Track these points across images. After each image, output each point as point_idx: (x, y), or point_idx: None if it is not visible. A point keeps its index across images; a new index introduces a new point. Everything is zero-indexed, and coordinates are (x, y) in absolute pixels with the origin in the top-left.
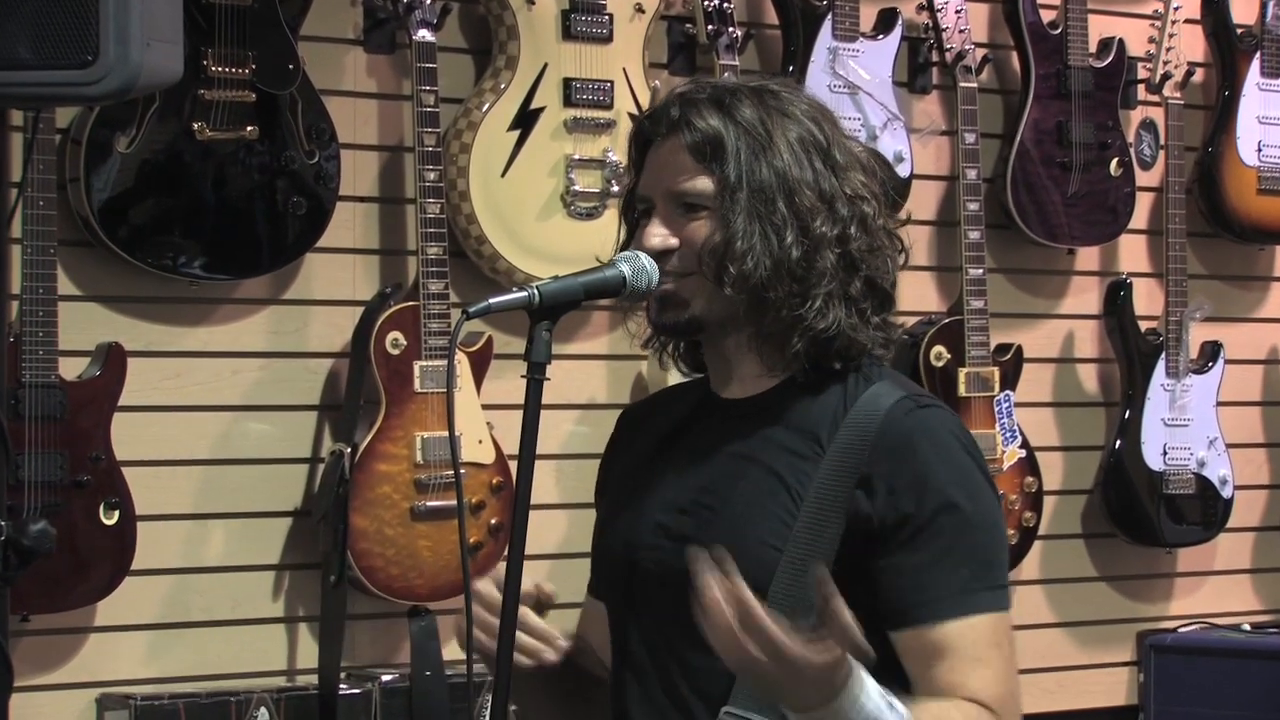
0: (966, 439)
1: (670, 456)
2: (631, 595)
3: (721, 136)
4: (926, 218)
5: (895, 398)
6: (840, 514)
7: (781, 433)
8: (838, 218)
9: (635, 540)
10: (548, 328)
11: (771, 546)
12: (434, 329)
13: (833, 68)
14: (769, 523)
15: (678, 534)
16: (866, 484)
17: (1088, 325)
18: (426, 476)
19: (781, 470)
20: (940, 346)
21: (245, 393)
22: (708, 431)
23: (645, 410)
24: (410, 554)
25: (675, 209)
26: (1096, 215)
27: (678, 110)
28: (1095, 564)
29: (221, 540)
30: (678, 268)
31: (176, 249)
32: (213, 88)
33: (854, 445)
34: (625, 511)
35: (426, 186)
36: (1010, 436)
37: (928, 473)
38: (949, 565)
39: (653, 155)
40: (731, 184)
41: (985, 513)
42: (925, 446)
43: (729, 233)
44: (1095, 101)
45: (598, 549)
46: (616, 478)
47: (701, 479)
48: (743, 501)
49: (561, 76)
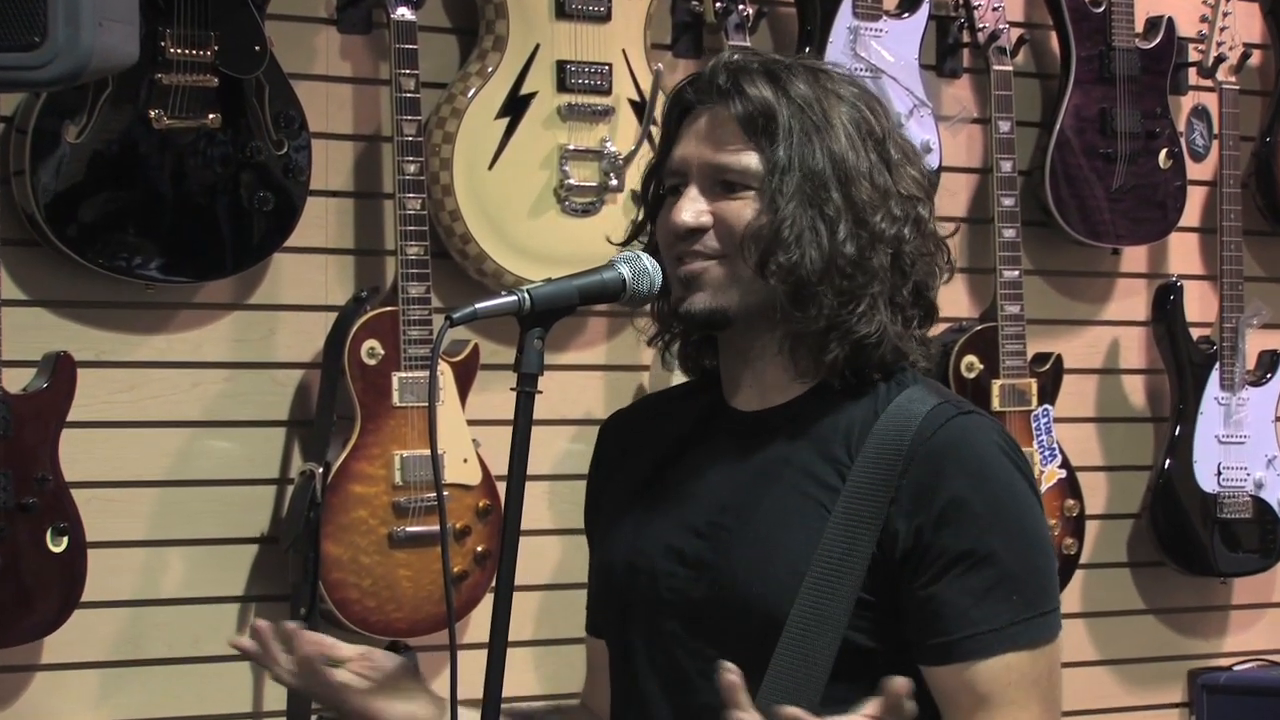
0: (1012, 449)
1: (676, 473)
2: (640, 627)
3: (775, 110)
4: (957, 214)
5: (931, 404)
6: (871, 532)
7: (808, 447)
8: (894, 216)
9: (643, 566)
10: (540, 335)
11: (798, 571)
12: (414, 337)
13: (854, 49)
14: (797, 545)
15: (694, 559)
16: (901, 500)
17: (1134, 333)
18: (406, 499)
19: (810, 488)
20: (972, 356)
21: (207, 407)
22: (721, 445)
23: (635, 420)
24: (388, 585)
25: (713, 185)
26: (1144, 211)
27: (727, 77)
28: (1142, 595)
29: (181, 569)
30: (709, 249)
31: (131, 249)
32: (171, 72)
33: (886, 457)
34: (628, 535)
35: (406, 180)
36: (1049, 455)
37: (971, 492)
38: (994, 599)
39: (691, 125)
40: (782, 164)
41: (1034, 534)
42: (967, 460)
43: (777, 218)
44: (1142, 86)
45: (597, 580)
46: (612, 498)
47: (718, 498)
48: (767, 522)
49: (555, 59)
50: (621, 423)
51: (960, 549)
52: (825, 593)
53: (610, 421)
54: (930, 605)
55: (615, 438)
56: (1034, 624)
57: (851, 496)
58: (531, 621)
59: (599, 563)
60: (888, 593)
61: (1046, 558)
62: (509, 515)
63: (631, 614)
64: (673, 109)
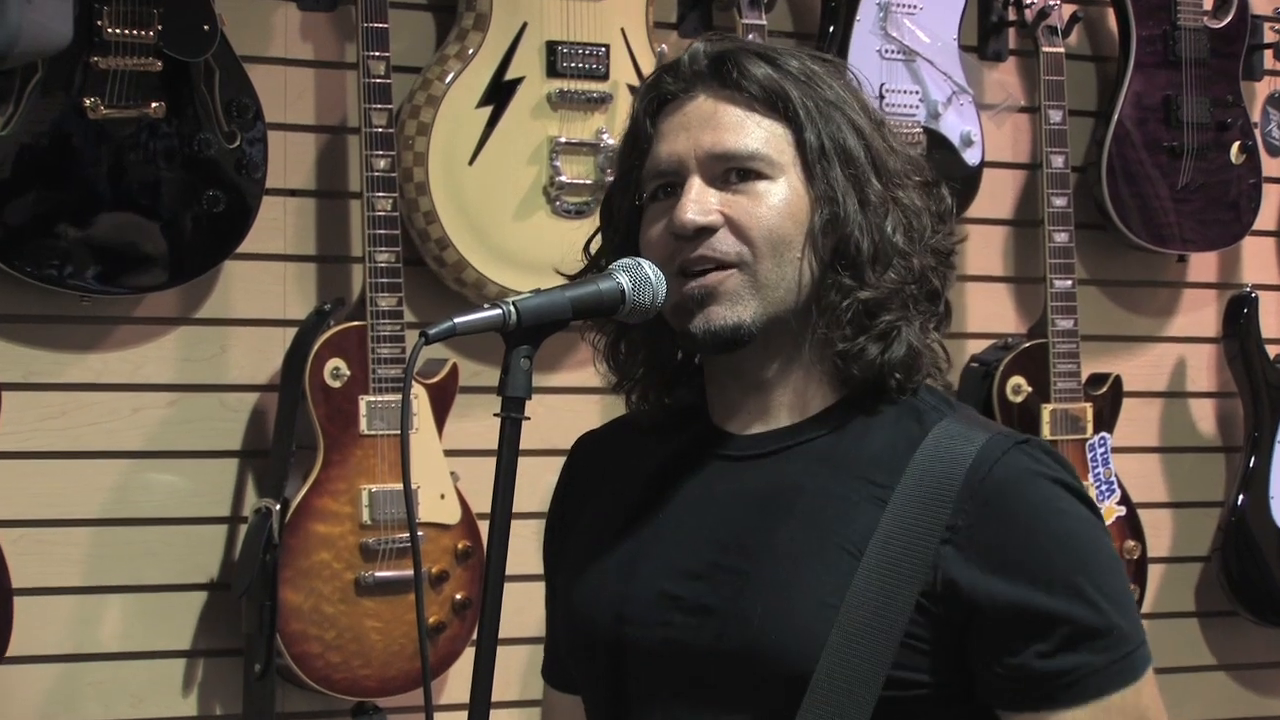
0: (1072, 477)
1: (663, 507)
2: (632, 684)
3: (785, 88)
4: (1001, 216)
5: (982, 437)
6: (917, 577)
7: (827, 473)
8: (915, 204)
9: (632, 615)
10: (527, 354)
11: (825, 617)
12: (384, 355)
13: (884, 28)
14: (820, 588)
15: (694, 604)
16: (955, 542)
17: (1203, 350)
18: (375, 540)
19: (830, 521)
20: (1019, 377)
21: (149, 435)
22: (718, 473)
23: (611, 443)
24: (355, 637)
25: (723, 176)
26: (1213, 213)
27: (715, 60)
28: (1212, 649)
29: (119, 620)
30: (722, 253)
31: (63, 255)
32: (108, 54)
33: (932, 493)
34: (610, 579)
35: (376, 177)
36: (1106, 490)
37: (1039, 537)
38: (1084, 649)
39: (673, 118)
40: (814, 144)
41: (1109, 569)
42: (1031, 499)
43: (829, 206)
44: (1211, 71)
45: (569, 627)
46: (585, 533)
47: (719, 535)
48: (783, 561)
49: (544, 39)
50: (596, 444)
51: (1037, 603)
52: (861, 643)
53: (583, 442)
54: (1002, 661)
55: (589, 461)
56: (1131, 658)
57: (890, 535)
58: (518, 679)
59: (573, 609)
60: (942, 641)
61: (1126, 589)
62: (492, 558)
63: (621, 670)
64: (646, 104)
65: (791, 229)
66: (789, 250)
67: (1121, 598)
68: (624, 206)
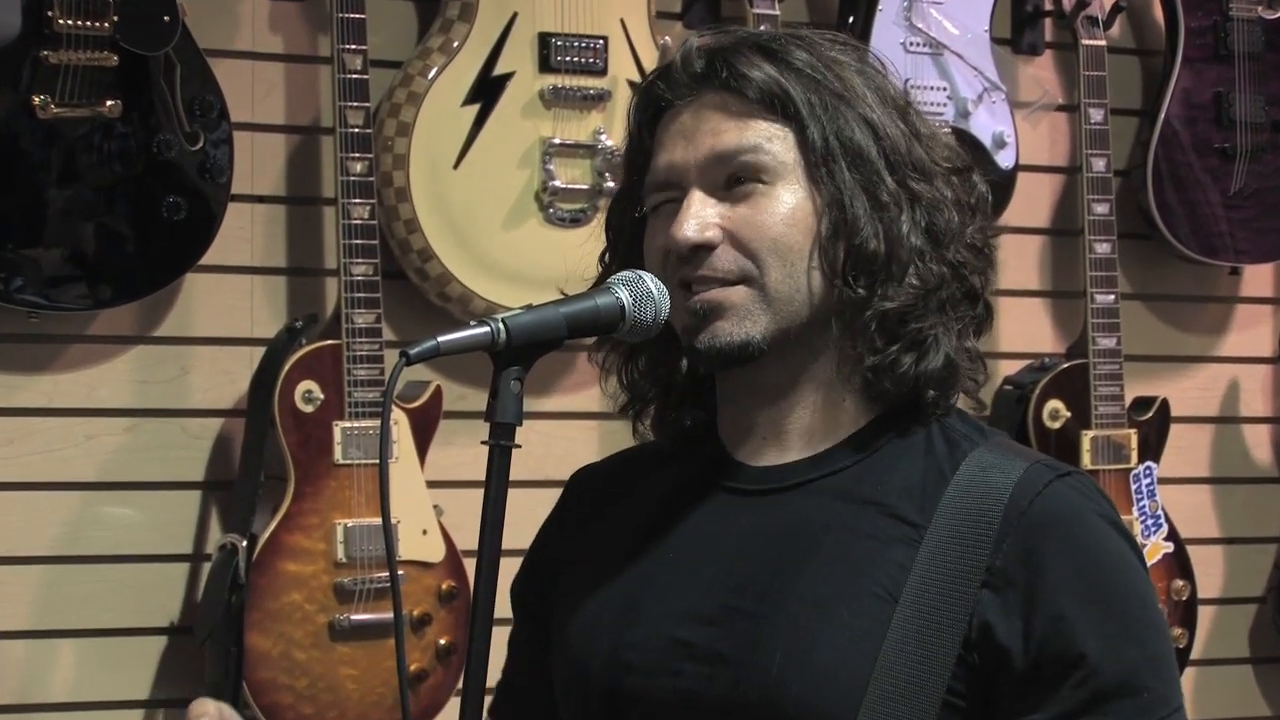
0: (1114, 514)
1: (669, 546)
2: None
3: (785, 84)
4: (1038, 224)
5: (1020, 467)
6: (956, 627)
7: (850, 511)
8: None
9: (636, 663)
10: (518, 376)
11: (858, 667)
12: (361, 377)
13: (908, 19)
14: (848, 636)
15: (708, 652)
16: (994, 584)
17: (1257, 372)
18: (351, 580)
19: (859, 563)
20: (1057, 401)
21: (103, 464)
22: (727, 509)
23: (612, 477)
24: (329, 686)
25: (724, 183)
26: (1269, 221)
27: (709, 61)
28: (1267, 698)
29: (72, 666)
30: (723, 271)
31: (9, 267)
32: (60, 48)
33: (971, 534)
34: (609, 624)
35: (352, 182)
36: (1153, 525)
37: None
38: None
39: (671, 126)
40: (818, 143)
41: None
42: (1075, 538)
43: (835, 209)
44: (1266, 66)
45: (563, 676)
46: (580, 573)
47: (733, 576)
48: (806, 606)
49: (536, 31)
50: (595, 479)
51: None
52: (902, 703)
53: (581, 476)
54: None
55: (588, 498)
56: None
57: (926, 581)
58: None
59: (569, 656)
60: (974, 695)
61: (1169, 647)
62: (479, 600)
63: None
64: (642, 113)
65: (798, 237)
66: (798, 260)
67: (1162, 656)
68: (626, 220)
